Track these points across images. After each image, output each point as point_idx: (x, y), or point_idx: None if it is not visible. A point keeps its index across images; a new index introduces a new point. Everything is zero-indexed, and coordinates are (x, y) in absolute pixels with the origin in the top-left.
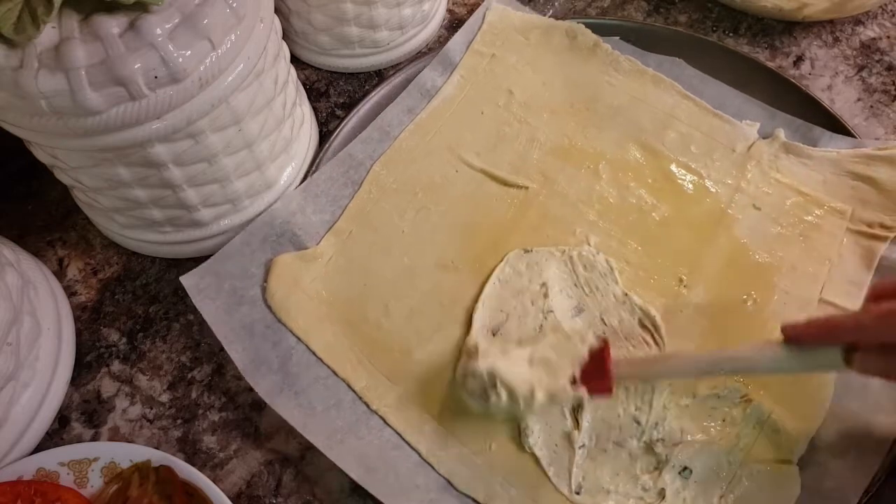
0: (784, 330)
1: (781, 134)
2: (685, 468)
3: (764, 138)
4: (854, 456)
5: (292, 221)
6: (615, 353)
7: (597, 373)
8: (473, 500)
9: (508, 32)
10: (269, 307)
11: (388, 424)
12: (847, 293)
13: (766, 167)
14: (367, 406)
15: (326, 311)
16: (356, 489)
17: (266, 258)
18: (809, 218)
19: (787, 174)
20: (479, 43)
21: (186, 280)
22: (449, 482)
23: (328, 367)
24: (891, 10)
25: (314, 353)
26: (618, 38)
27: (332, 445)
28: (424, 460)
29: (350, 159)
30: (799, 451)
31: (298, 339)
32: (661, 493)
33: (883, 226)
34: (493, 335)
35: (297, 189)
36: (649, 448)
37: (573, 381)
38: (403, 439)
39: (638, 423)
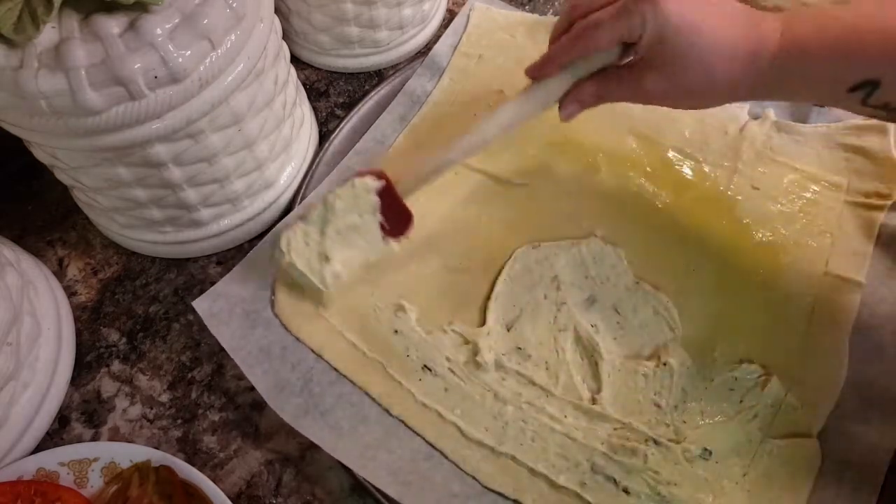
0: (527, 72)
1: (772, 114)
2: (705, 449)
3: (754, 119)
4: (878, 421)
5: None
6: None
7: (395, 211)
8: (503, 496)
9: (493, 32)
10: (282, 325)
11: (409, 427)
12: (851, 264)
13: (761, 147)
14: (388, 412)
15: (338, 322)
16: (356, 488)
17: (273, 278)
18: (807, 194)
19: (782, 153)
20: (466, 45)
21: (198, 305)
22: (475, 479)
23: (348, 378)
24: None
25: (334, 369)
26: None
27: (365, 464)
28: (449, 459)
29: (348, 172)
30: (818, 425)
31: (318, 356)
32: None
33: (879, 194)
34: (508, 330)
35: (299, 207)
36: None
37: (385, 236)
38: (429, 443)
39: (658, 406)
